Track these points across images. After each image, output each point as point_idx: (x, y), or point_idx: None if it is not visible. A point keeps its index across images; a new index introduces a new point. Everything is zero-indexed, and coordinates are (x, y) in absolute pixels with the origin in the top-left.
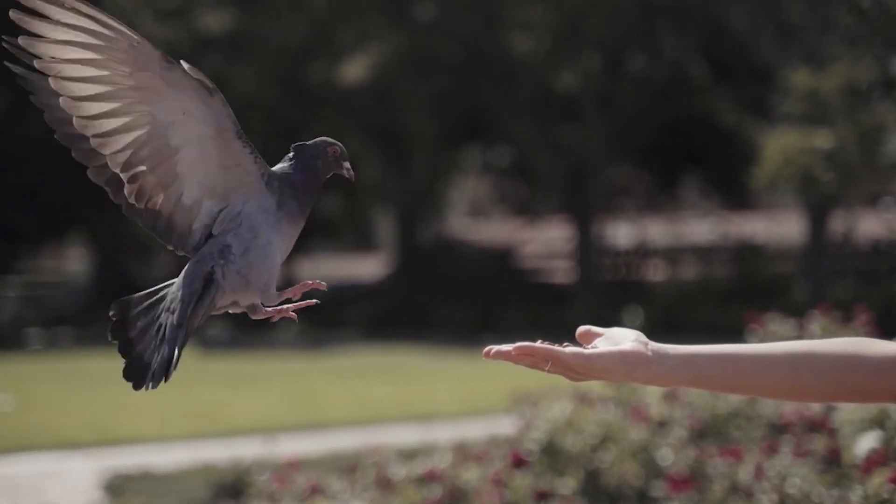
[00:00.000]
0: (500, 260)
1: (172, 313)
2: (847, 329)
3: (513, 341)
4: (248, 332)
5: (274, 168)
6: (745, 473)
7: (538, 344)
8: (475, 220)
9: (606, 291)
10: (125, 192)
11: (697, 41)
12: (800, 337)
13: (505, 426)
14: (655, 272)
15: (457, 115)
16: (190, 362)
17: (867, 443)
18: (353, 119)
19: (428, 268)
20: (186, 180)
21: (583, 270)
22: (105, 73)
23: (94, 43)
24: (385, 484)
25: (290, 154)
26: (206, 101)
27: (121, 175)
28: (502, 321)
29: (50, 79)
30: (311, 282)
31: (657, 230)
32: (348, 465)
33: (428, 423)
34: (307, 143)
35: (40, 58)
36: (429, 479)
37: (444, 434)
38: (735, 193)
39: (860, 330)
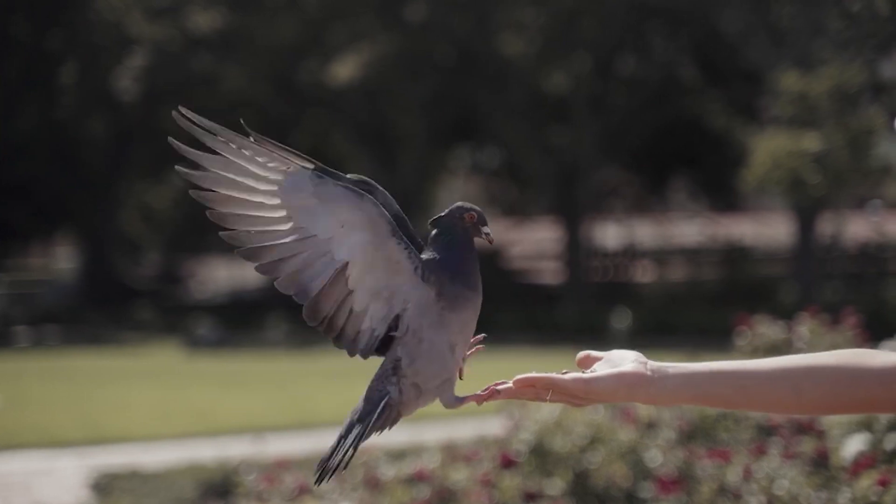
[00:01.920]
0: (490, 261)
1: (350, 425)
2: (835, 332)
3: (503, 342)
4: (236, 331)
5: (426, 251)
6: (733, 475)
7: (536, 374)
8: None
9: (595, 292)
10: (304, 311)
11: (689, 44)
12: (788, 339)
13: (494, 427)
14: (644, 274)
15: (447, 115)
16: (179, 362)
17: (855, 445)
18: (343, 118)
19: None
20: (357, 290)
21: (572, 271)
22: (264, 213)
23: (246, 183)
24: (374, 484)
25: (432, 231)
26: (357, 205)
27: (293, 294)
28: (491, 322)
29: (210, 211)
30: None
31: (646, 232)
32: None
33: (417, 424)
34: (443, 214)
35: (199, 188)
36: (417, 479)
37: (433, 434)
38: (724, 196)
39: (848, 333)
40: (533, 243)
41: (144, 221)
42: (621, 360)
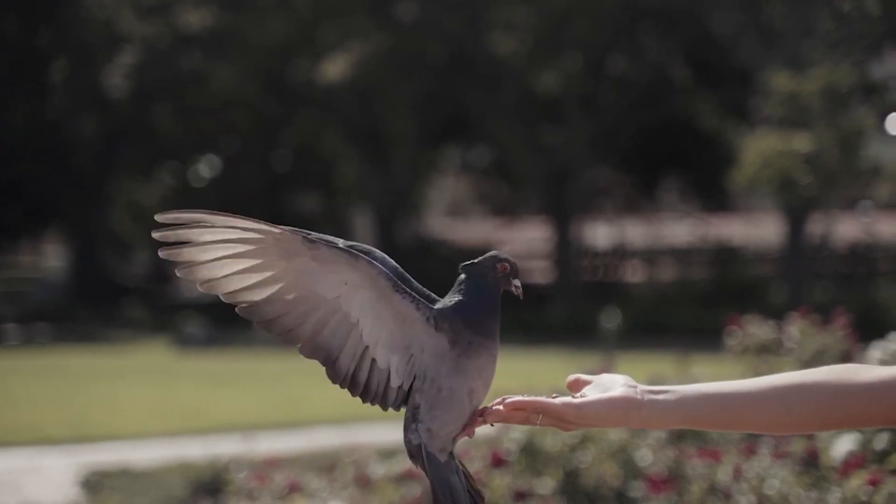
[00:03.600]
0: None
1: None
2: (825, 332)
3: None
4: (225, 330)
5: (447, 297)
6: (723, 474)
7: (526, 398)
8: (454, 219)
9: (585, 292)
10: (326, 372)
11: (680, 44)
12: (778, 339)
13: (484, 426)
14: (634, 273)
15: (438, 115)
16: (168, 360)
17: (845, 445)
18: (335, 118)
19: (406, 267)
20: (375, 346)
21: (562, 271)
22: (267, 273)
23: (245, 250)
24: (364, 482)
25: (461, 276)
26: (353, 266)
27: (316, 359)
28: None
29: (221, 296)
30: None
31: (636, 232)
32: (327, 464)
33: None
34: (475, 261)
35: (202, 280)
36: (408, 477)
37: None
38: (714, 196)
39: (838, 333)
40: (523, 243)
41: (134, 219)
42: (611, 385)
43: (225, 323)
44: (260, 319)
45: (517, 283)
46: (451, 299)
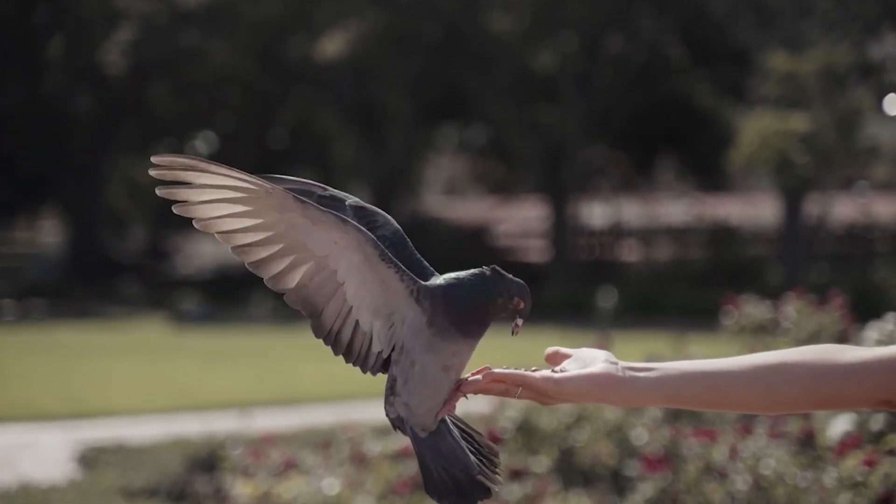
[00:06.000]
0: (475, 238)
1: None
2: (821, 313)
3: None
4: (222, 307)
5: (451, 273)
6: (719, 454)
7: (507, 370)
8: (450, 198)
9: (581, 271)
10: (311, 325)
11: (676, 24)
12: (774, 319)
13: (480, 404)
14: (630, 253)
15: (434, 93)
16: (164, 337)
17: (841, 426)
18: (330, 97)
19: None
20: (358, 307)
21: (558, 250)
22: (259, 220)
23: (239, 196)
24: (359, 460)
25: (485, 270)
26: (342, 229)
27: (300, 310)
28: None
29: (215, 235)
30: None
31: (632, 211)
32: (323, 441)
33: None
34: (507, 275)
35: (198, 219)
36: (403, 455)
37: None
38: (711, 176)
39: (834, 314)
40: (519, 221)
41: (130, 196)
42: (591, 360)
43: (221, 299)
44: (251, 261)
45: (519, 321)
46: (452, 279)
